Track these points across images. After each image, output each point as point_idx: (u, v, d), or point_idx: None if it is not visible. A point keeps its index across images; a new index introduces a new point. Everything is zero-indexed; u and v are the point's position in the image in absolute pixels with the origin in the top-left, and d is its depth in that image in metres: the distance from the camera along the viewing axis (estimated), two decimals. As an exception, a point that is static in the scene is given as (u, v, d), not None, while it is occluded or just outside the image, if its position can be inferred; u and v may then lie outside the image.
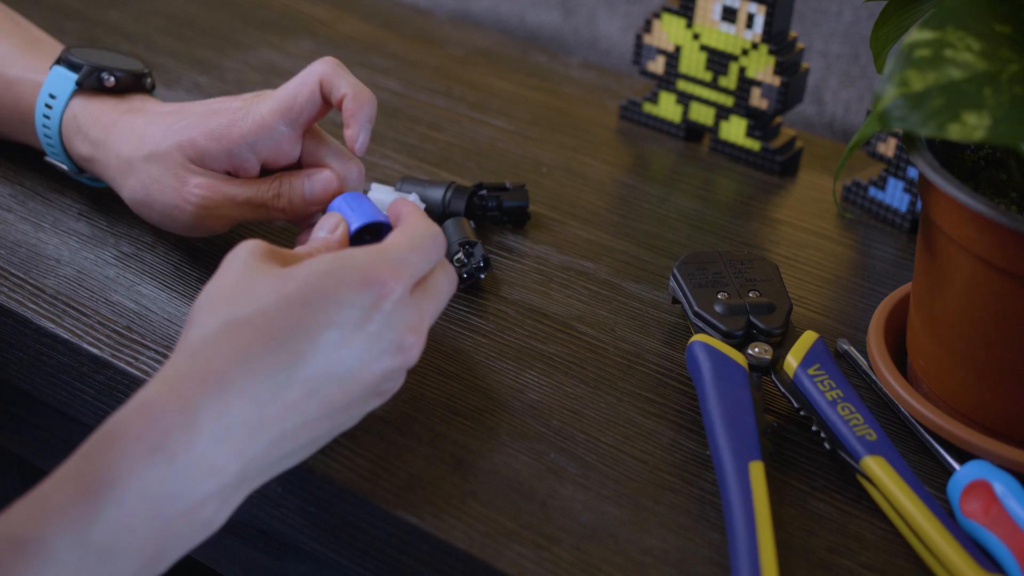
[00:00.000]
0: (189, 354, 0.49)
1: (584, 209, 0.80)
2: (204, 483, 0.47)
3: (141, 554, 0.45)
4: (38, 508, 0.44)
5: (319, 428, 0.51)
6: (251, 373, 0.48)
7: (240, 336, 0.49)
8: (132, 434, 0.46)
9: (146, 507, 0.45)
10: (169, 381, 0.48)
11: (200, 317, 0.51)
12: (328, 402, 0.51)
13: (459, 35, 1.07)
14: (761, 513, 0.52)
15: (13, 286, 0.66)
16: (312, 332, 0.50)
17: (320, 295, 0.50)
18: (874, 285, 0.74)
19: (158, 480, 0.45)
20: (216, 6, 1.07)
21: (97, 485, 0.45)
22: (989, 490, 0.54)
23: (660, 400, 0.62)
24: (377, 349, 0.52)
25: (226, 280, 0.52)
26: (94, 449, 0.46)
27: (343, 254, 0.53)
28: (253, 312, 0.50)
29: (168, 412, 0.47)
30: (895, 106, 0.50)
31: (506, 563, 0.52)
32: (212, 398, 0.47)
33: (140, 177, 0.66)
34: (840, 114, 1.02)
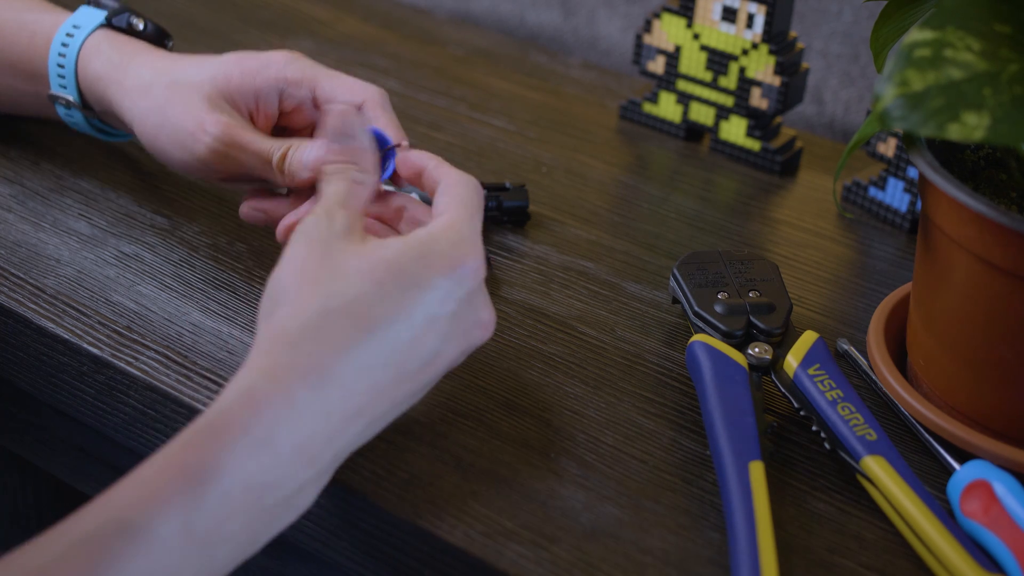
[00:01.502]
0: (289, 345, 0.49)
1: (584, 209, 0.80)
2: (302, 472, 0.48)
3: (237, 541, 0.47)
4: (143, 490, 0.45)
5: (404, 407, 0.53)
6: (351, 365, 0.49)
7: (340, 328, 0.50)
8: (238, 426, 0.47)
9: (248, 496, 0.46)
10: (272, 374, 0.49)
11: (291, 301, 0.51)
12: (417, 385, 0.53)
13: (459, 35, 1.07)
14: (761, 513, 0.52)
15: (13, 286, 0.66)
16: (406, 319, 0.51)
17: (414, 282, 0.51)
18: (874, 285, 0.74)
19: (262, 471, 0.47)
20: (216, 6, 1.07)
21: (203, 474, 0.45)
22: (989, 490, 0.54)
23: (660, 400, 0.62)
24: (462, 329, 0.53)
25: (314, 261, 0.52)
26: (198, 438, 0.47)
27: (427, 237, 0.53)
28: (350, 301, 0.50)
29: (274, 405, 0.48)
30: (895, 106, 0.50)
31: (506, 563, 0.52)
32: (315, 391, 0.48)
33: (158, 100, 0.66)
34: (840, 114, 1.02)
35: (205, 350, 0.63)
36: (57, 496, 0.94)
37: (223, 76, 0.66)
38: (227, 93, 0.66)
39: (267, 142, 0.64)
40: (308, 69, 0.67)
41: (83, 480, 0.73)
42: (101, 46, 0.70)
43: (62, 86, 0.71)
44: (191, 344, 0.63)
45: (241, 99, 0.66)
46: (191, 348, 0.63)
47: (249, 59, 0.67)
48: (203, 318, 0.65)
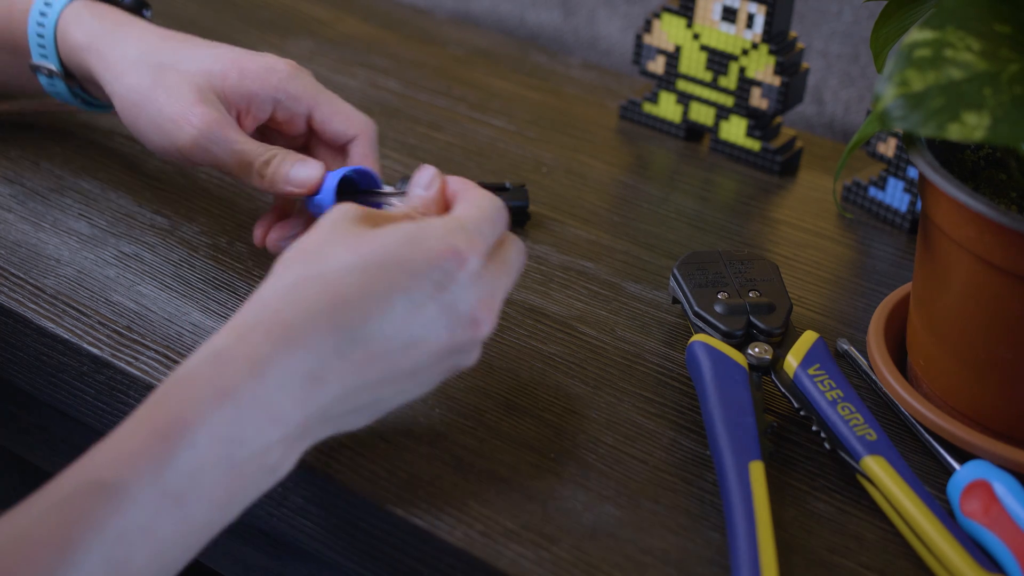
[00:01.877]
0: (260, 305, 0.50)
1: (584, 209, 0.80)
2: (269, 430, 0.48)
3: (212, 499, 0.47)
4: (115, 452, 0.46)
5: (382, 391, 0.52)
6: (316, 327, 0.49)
7: (309, 290, 0.50)
8: (201, 379, 0.47)
9: (216, 450, 0.46)
10: (238, 331, 0.49)
11: (278, 271, 0.52)
12: (392, 367, 0.51)
13: (459, 35, 1.07)
14: (761, 513, 0.52)
15: (13, 286, 0.66)
16: (383, 296, 0.50)
17: (397, 262, 0.51)
18: (874, 285, 0.74)
19: (227, 424, 0.47)
20: (216, 6, 1.07)
21: (170, 428, 0.46)
22: (989, 490, 0.54)
23: (660, 400, 0.62)
24: (448, 320, 0.52)
25: (311, 239, 0.53)
26: (165, 395, 0.47)
27: (424, 222, 0.53)
28: (327, 269, 0.50)
29: (236, 360, 0.48)
30: (895, 106, 0.50)
31: (506, 563, 0.52)
32: (278, 348, 0.48)
33: (143, 80, 0.65)
34: (840, 114, 1.02)
35: (205, 350, 0.63)
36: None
37: (219, 74, 0.65)
38: (221, 91, 0.65)
39: (251, 145, 0.64)
40: (310, 87, 0.67)
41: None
42: (81, 15, 0.69)
43: (43, 55, 0.71)
44: (191, 344, 0.63)
45: (234, 99, 0.66)
46: (191, 348, 0.63)
47: (249, 61, 0.66)
48: (203, 318, 0.65)
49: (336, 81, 0.94)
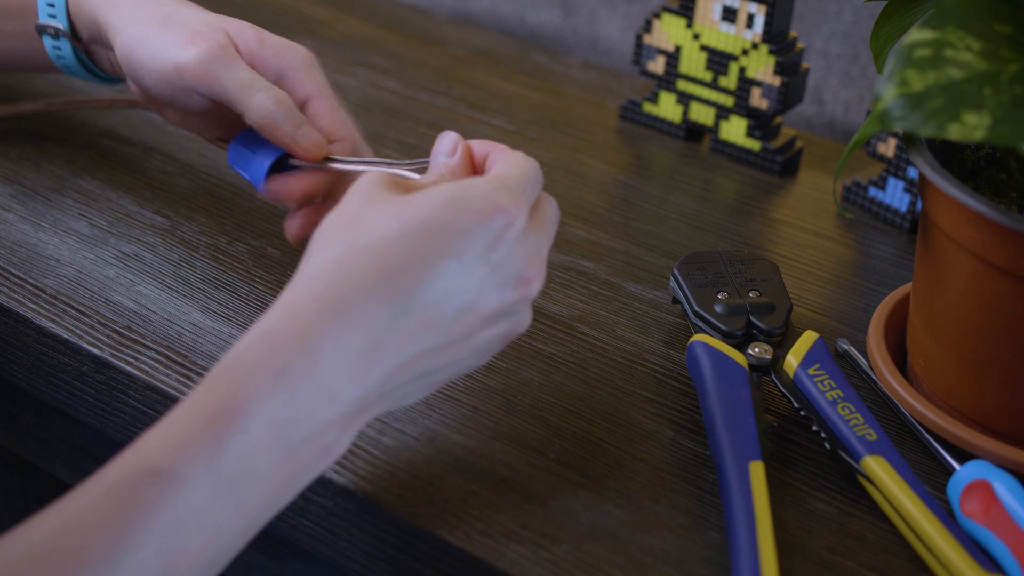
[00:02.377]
0: (307, 281, 0.49)
1: (584, 209, 0.80)
2: (325, 409, 0.47)
3: (269, 482, 0.46)
4: (168, 438, 0.45)
5: (438, 360, 0.50)
6: (369, 299, 0.48)
7: (359, 262, 0.48)
8: (253, 361, 0.46)
9: (271, 433, 0.45)
10: (287, 309, 0.48)
11: (319, 245, 0.50)
12: (447, 332, 0.50)
13: (459, 35, 1.07)
14: (761, 513, 0.52)
15: (13, 286, 0.66)
16: (433, 260, 0.49)
17: (442, 223, 0.49)
18: (874, 285, 0.74)
19: (281, 406, 0.46)
20: (216, 6, 1.06)
21: (223, 413, 0.45)
22: (989, 490, 0.54)
23: (660, 400, 0.62)
24: (499, 280, 0.51)
25: (346, 209, 0.51)
26: (217, 379, 0.46)
27: (465, 183, 0.51)
28: (373, 239, 0.49)
29: (287, 339, 0.47)
30: (895, 106, 0.50)
31: (506, 563, 0.52)
32: (330, 324, 0.47)
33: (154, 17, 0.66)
34: (840, 114, 1.02)
35: (205, 350, 0.63)
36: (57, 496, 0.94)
37: (236, 30, 0.66)
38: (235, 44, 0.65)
39: (262, 81, 0.63)
40: (318, 79, 0.67)
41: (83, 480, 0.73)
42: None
43: (51, 15, 0.70)
44: (191, 344, 0.63)
45: (246, 57, 0.66)
46: (191, 348, 0.63)
47: (270, 35, 0.67)
48: (203, 318, 0.65)
49: (336, 81, 0.94)
